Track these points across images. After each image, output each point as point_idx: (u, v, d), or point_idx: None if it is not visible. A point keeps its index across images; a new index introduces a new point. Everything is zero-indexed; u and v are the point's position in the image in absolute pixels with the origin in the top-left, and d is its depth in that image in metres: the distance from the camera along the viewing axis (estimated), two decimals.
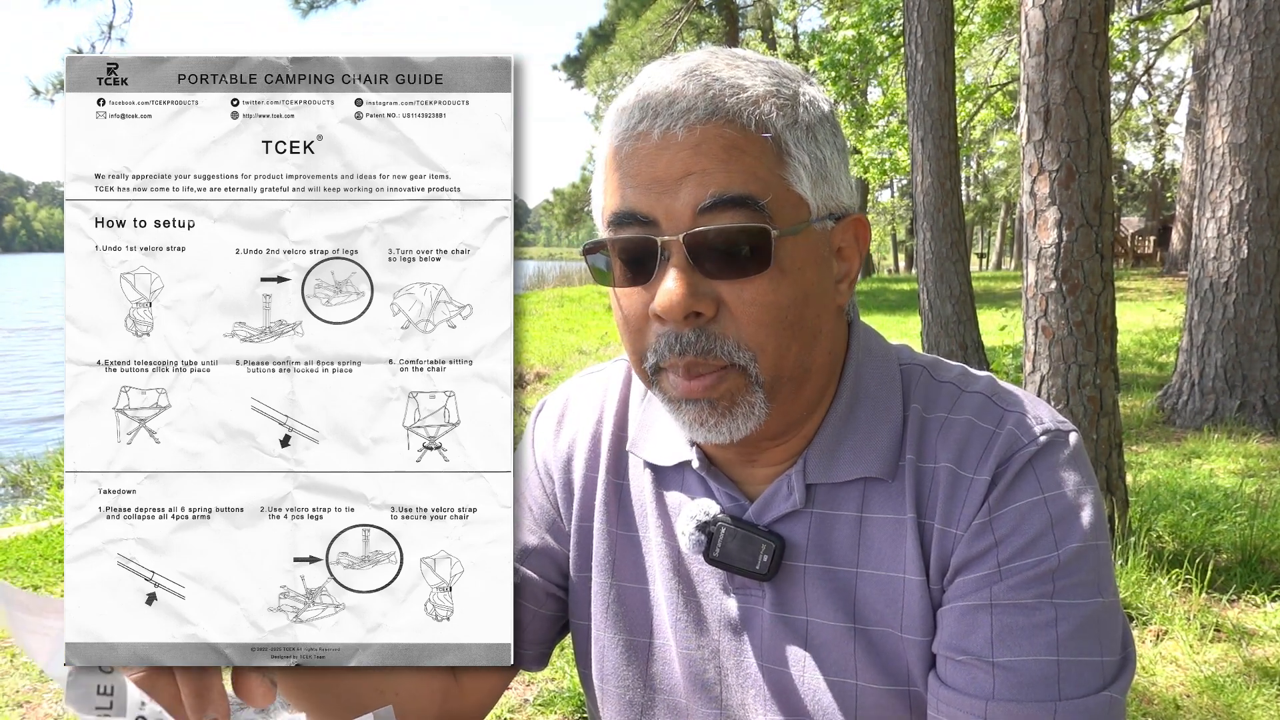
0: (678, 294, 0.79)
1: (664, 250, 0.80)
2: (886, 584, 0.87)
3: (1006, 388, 0.92)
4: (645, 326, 0.84)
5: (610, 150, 0.85)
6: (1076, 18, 3.91)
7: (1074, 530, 0.81)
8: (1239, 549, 4.28)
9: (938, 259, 8.16)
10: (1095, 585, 0.81)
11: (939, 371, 0.93)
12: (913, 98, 8.19)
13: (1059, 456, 0.85)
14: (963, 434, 0.87)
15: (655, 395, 0.88)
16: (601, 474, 1.01)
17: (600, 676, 0.99)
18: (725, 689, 0.92)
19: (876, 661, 0.87)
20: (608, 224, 0.85)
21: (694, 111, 0.80)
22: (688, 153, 0.79)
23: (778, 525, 0.90)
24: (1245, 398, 6.84)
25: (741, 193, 0.79)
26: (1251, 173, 6.63)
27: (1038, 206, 4.07)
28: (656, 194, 0.81)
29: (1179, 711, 3.07)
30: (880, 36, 13.54)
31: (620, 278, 0.85)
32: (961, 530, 0.84)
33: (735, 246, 0.79)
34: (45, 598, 0.80)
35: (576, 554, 1.01)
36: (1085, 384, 4.06)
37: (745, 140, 0.80)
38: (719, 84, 0.81)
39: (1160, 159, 36.63)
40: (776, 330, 0.82)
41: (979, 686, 0.80)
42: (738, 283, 0.81)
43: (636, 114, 0.82)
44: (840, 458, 0.89)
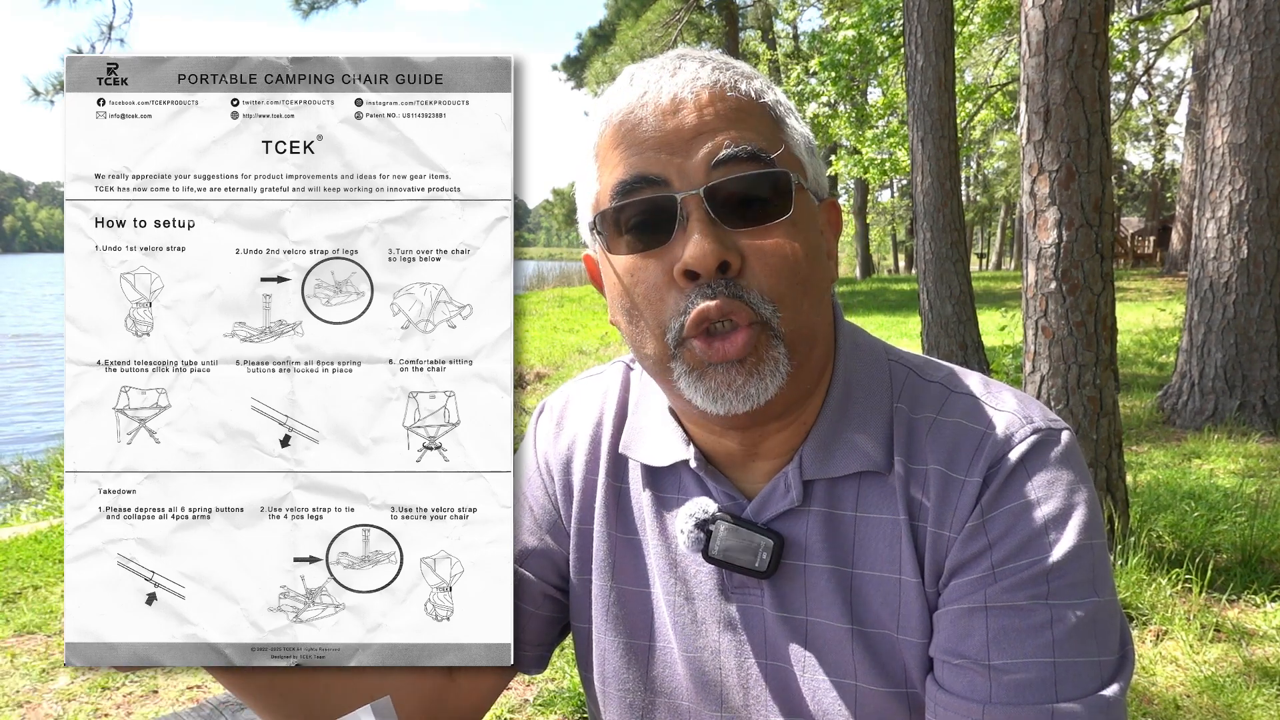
0: (709, 243, 0.79)
1: (683, 207, 0.81)
2: (883, 585, 0.87)
3: (996, 387, 0.91)
4: (665, 294, 0.83)
5: (608, 131, 0.85)
6: (1076, 18, 3.91)
7: (1068, 530, 0.81)
8: (1239, 549, 4.28)
9: (938, 259, 8.16)
10: (1091, 584, 0.81)
11: (926, 371, 0.93)
12: (913, 98, 8.19)
13: (1050, 455, 0.84)
14: (952, 436, 0.86)
15: (674, 369, 0.85)
16: (601, 476, 1.01)
17: (601, 679, 0.99)
18: (726, 689, 0.92)
19: (875, 662, 0.87)
20: (612, 196, 0.84)
21: (698, 80, 0.83)
22: (695, 115, 0.81)
23: (776, 523, 0.90)
24: (1245, 398, 6.83)
25: (752, 148, 0.81)
26: (1251, 173, 6.63)
27: (1038, 206, 4.07)
28: (667, 154, 0.81)
29: (1179, 711, 3.07)
30: (880, 37, 13.53)
31: (632, 245, 0.84)
32: (955, 533, 0.84)
33: (755, 195, 0.81)
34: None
35: (577, 557, 1.01)
36: (1085, 384, 4.06)
37: (749, 104, 0.84)
38: (713, 61, 0.85)
39: (1160, 159, 36.64)
40: (792, 283, 0.83)
41: (975, 690, 0.80)
42: (758, 231, 0.82)
43: (638, 89, 0.83)
44: (836, 452, 0.89)
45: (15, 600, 4.18)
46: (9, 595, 4.22)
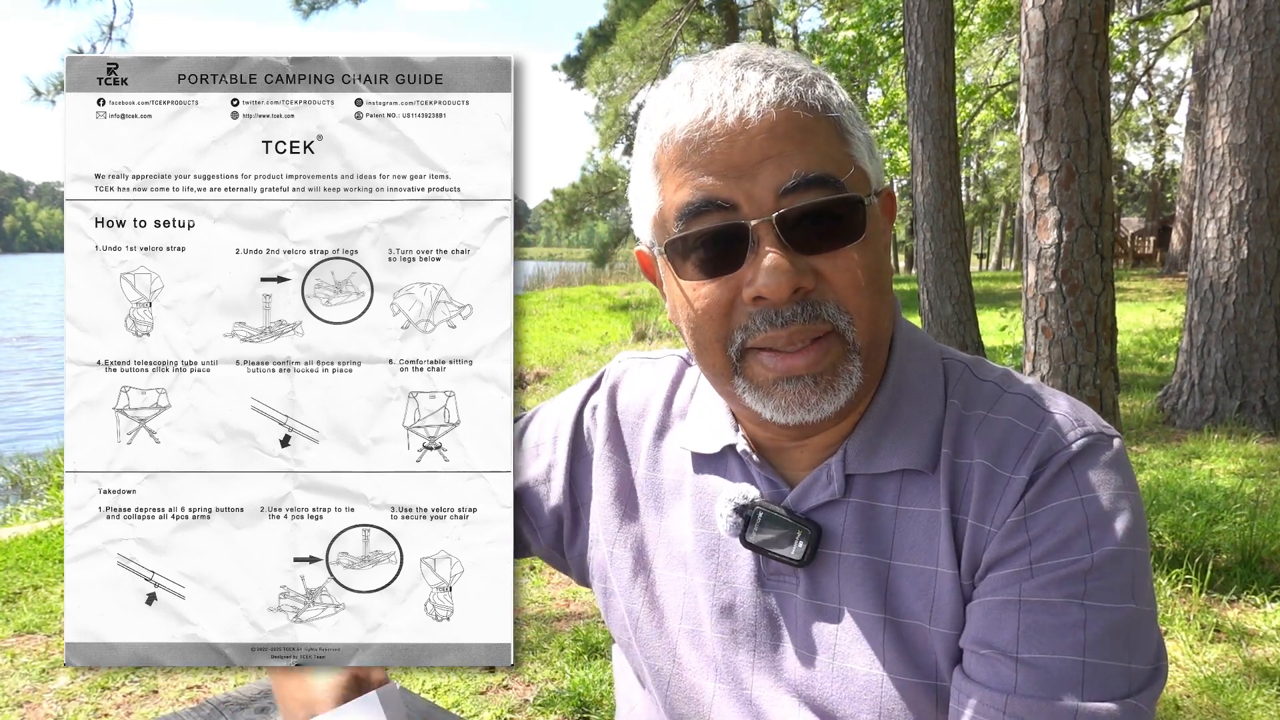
0: (783, 270, 0.79)
1: (754, 234, 0.80)
2: (919, 576, 0.87)
3: (1049, 390, 0.92)
4: (731, 312, 0.83)
5: (671, 147, 0.83)
6: (1076, 18, 3.91)
7: (1110, 533, 0.81)
8: (1239, 549, 4.28)
9: (938, 259, 8.16)
10: (1129, 590, 0.80)
11: (980, 370, 0.94)
12: (913, 98, 8.19)
13: (1099, 459, 0.84)
14: (1002, 433, 0.87)
15: (738, 383, 0.86)
16: (642, 459, 1.02)
17: (629, 647, 1.00)
18: (757, 672, 0.93)
19: (905, 653, 0.87)
20: (678, 218, 0.83)
21: (763, 96, 0.80)
22: (763, 136, 0.80)
23: (815, 513, 0.91)
24: (1245, 398, 6.83)
25: (820, 173, 0.81)
26: (1251, 173, 6.63)
27: (1038, 207, 4.07)
28: (734, 179, 0.80)
29: (1179, 712, 3.07)
30: (880, 37, 13.54)
31: (699, 270, 0.83)
32: (995, 527, 0.84)
33: (827, 219, 0.81)
34: None
35: (615, 527, 1.01)
36: (1085, 384, 4.06)
37: (815, 122, 0.82)
38: (776, 69, 0.82)
39: (1160, 159, 36.64)
40: (870, 294, 0.83)
41: (1002, 681, 0.80)
42: (832, 255, 0.82)
43: (700, 103, 0.81)
44: (881, 449, 0.89)
45: (15, 600, 4.18)
46: (9, 595, 4.22)
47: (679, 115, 0.82)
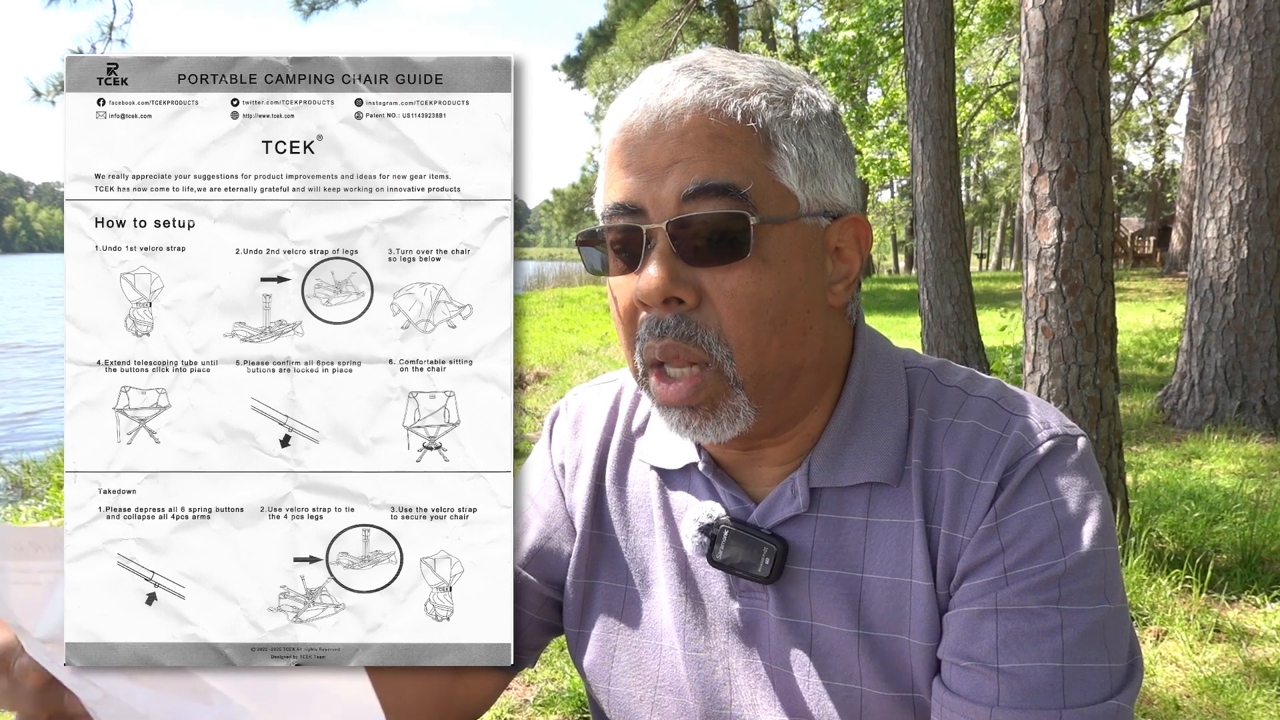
0: (657, 279, 0.81)
1: (649, 238, 0.82)
2: (893, 589, 0.86)
3: (1014, 392, 0.91)
4: (634, 318, 0.86)
5: (610, 144, 0.86)
6: (1076, 18, 3.91)
7: (1081, 536, 0.81)
8: (1239, 549, 4.28)
9: (938, 259, 8.16)
10: (1102, 591, 0.81)
11: (945, 375, 0.93)
12: (913, 98, 8.19)
13: (1066, 461, 0.84)
14: (969, 438, 0.86)
15: (647, 393, 0.89)
16: (609, 480, 1.01)
17: (606, 680, 0.99)
18: (734, 690, 0.92)
19: (881, 667, 0.86)
20: (603, 217, 0.87)
21: (681, 102, 0.81)
22: (674, 141, 0.81)
23: (782, 529, 0.90)
24: (1245, 398, 6.83)
25: (724, 180, 0.80)
26: (1251, 173, 6.63)
27: (1038, 207, 4.07)
28: (645, 182, 0.82)
29: (1179, 712, 3.07)
30: (880, 37, 13.54)
31: (613, 268, 0.87)
32: (968, 535, 0.84)
33: (715, 234, 0.80)
34: (36, 529, 0.78)
35: (586, 559, 1.01)
36: (1085, 384, 4.06)
37: (731, 129, 0.81)
38: (709, 77, 0.82)
39: (1160, 159, 36.63)
40: (756, 324, 0.82)
41: (983, 693, 0.80)
42: (719, 271, 0.81)
43: (630, 106, 0.84)
44: (845, 462, 0.89)
45: None
46: None
47: (616, 115, 0.85)
